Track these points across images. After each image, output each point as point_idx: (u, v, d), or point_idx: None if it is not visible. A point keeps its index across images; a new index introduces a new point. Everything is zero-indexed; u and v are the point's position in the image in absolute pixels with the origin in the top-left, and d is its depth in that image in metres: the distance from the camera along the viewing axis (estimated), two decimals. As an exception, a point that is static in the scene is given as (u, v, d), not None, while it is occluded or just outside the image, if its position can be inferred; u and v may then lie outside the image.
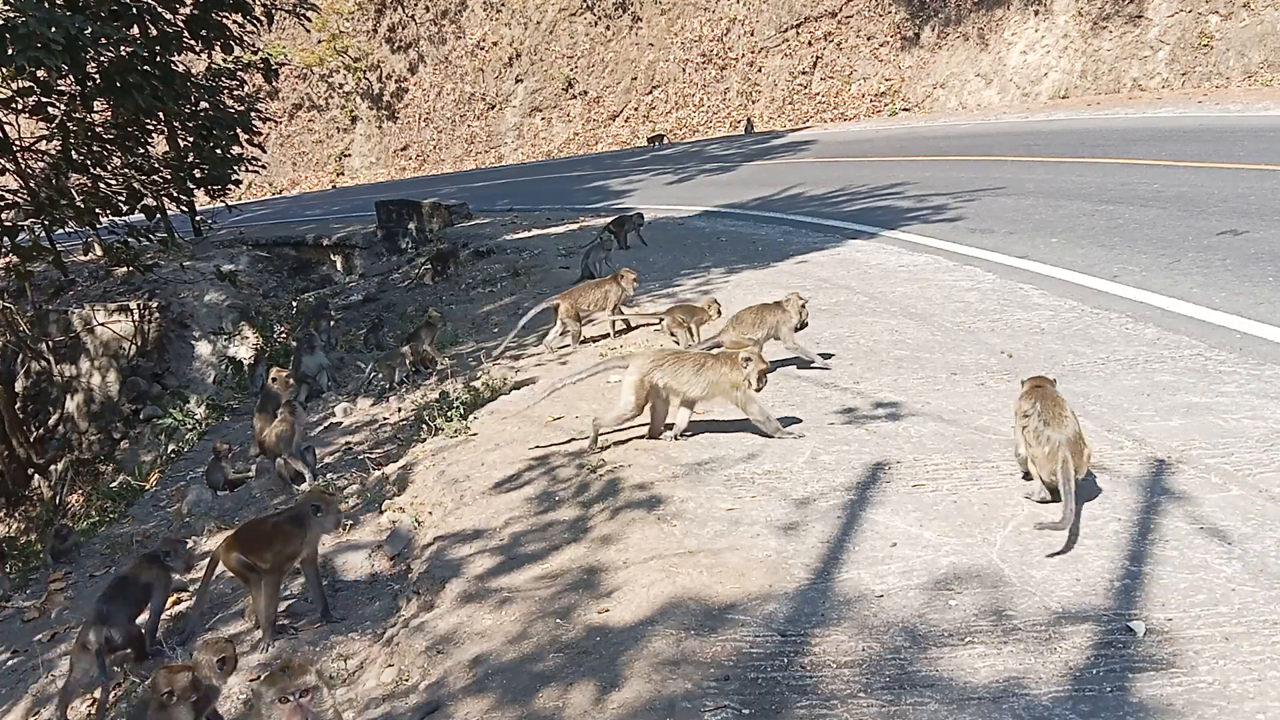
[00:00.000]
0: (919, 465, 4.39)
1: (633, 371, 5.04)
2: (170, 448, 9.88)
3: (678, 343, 6.52)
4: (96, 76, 12.05)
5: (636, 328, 7.63)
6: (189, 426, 9.97)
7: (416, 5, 35.24)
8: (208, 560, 4.86)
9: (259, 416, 7.07)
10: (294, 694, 2.93)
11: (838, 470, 4.46)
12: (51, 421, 14.83)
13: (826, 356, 6.17)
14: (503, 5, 33.57)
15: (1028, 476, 3.98)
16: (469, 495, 5.12)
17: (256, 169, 17.20)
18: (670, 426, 5.18)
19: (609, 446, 5.18)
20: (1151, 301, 6.52)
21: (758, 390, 4.87)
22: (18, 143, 12.85)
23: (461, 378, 7.30)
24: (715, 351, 5.34)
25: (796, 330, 5.96)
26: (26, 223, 12.28)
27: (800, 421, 5.09)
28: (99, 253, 15.33)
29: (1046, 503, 3.82)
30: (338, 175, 37.00)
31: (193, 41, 15.29)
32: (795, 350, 5.99)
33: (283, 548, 4.40)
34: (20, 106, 12.50)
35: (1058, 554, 3.45)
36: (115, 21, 12.23)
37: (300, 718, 2.91)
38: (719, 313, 6.77)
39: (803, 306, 5.92)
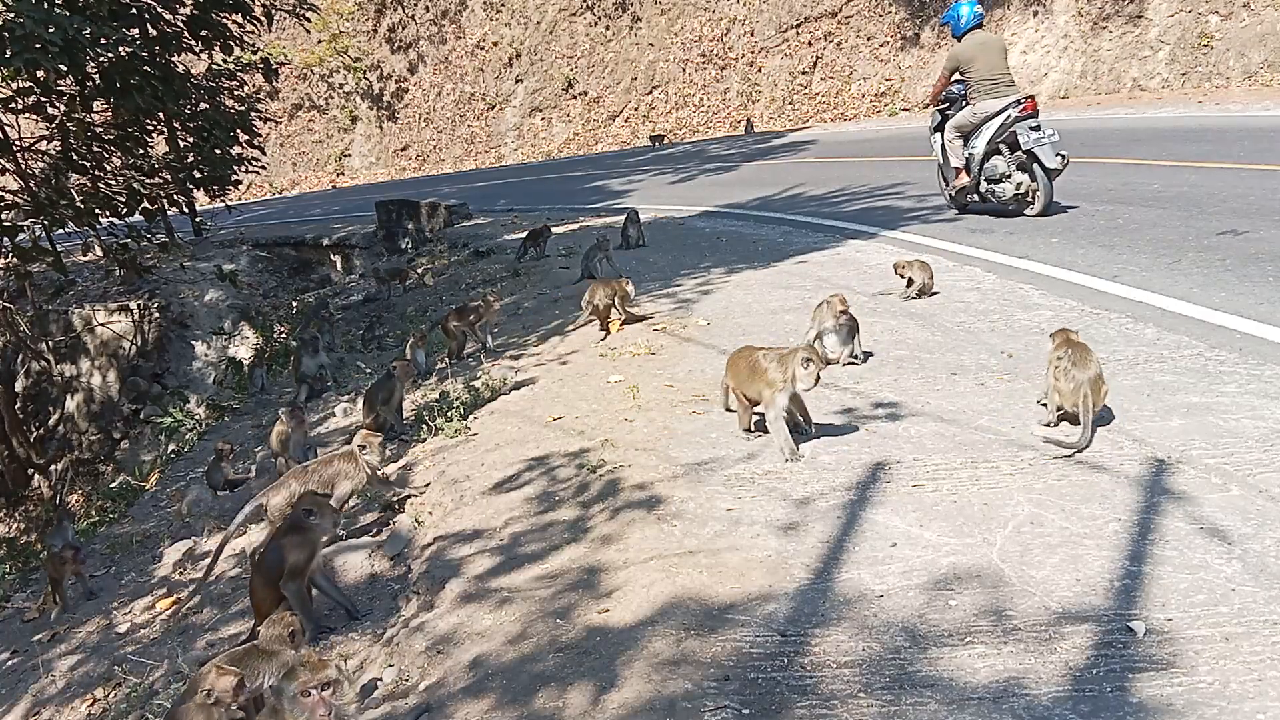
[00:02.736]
0: (919, 465, 4.39)
1: None
2: (170, 448, 9.89)
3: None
4: (96, 77, 12.05)
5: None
6: (189, 426, 9.98)
7: (416, 5, 35.24)
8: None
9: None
10: (316, 688, 2.93)
11: (838, 470, 4.46)
12: (51, 421, 14.83)
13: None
14: (503, 5, 33.57)
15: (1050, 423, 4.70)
16: (469, 495, 5.12)
17: (256, 169, 17.21)
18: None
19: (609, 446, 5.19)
20: (1151, 301, 6.51)
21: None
22: (18, 143, 12.85)
23: (461, 378, 7.29)
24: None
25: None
26: (26, 223, 12.29)
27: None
28: (99, 253, 15.35)
29: (1051, 425, 4.62)
30: (338, 175, 37.00)
31: (193, 41, 15.32)
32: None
33: (296, 559, 4.25)
34: (20, 106, 12.50)
35: (1075, 451, 4.27)
36: (115, 22, 12.24)
37: (324, 711, 2.91)
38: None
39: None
